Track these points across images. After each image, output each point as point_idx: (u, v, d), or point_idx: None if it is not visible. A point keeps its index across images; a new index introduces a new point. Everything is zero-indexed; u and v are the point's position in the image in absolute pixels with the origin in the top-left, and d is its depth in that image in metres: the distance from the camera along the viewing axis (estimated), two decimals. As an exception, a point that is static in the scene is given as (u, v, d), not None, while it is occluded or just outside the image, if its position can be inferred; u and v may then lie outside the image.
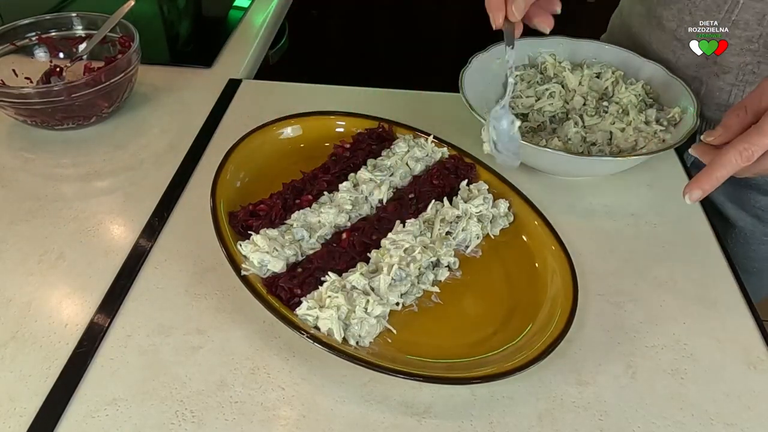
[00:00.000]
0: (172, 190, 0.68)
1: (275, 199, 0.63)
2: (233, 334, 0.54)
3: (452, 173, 0.68)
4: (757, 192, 0.79)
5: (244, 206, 0.62)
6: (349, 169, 0.67)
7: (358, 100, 0.81)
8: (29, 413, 0.48)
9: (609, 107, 0.74)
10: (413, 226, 0.61)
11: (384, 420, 0.48)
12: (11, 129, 0.77)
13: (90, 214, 0.66)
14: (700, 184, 0.53)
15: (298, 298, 0.54)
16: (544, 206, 0.64)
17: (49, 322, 0.55)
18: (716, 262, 0.63)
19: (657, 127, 0.70)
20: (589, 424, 0.49)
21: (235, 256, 0.56)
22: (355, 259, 0.58)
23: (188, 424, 0.47)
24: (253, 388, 0.50)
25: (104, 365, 0.51)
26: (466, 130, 0.72)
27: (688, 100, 0.70)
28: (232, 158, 0.66)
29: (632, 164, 0.65)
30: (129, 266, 0.60)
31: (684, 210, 0.68)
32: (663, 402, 0.50)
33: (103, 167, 0.72)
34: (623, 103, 0.73)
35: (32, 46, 0.82)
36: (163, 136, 0.77)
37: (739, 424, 0.49)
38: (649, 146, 0.69)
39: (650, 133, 0.70)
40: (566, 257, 0.58)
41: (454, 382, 0.49)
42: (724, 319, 0.57)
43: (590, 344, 0.54)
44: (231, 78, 0.87)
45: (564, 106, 0.76)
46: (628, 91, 0.74)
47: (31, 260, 0.60)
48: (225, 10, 1.08)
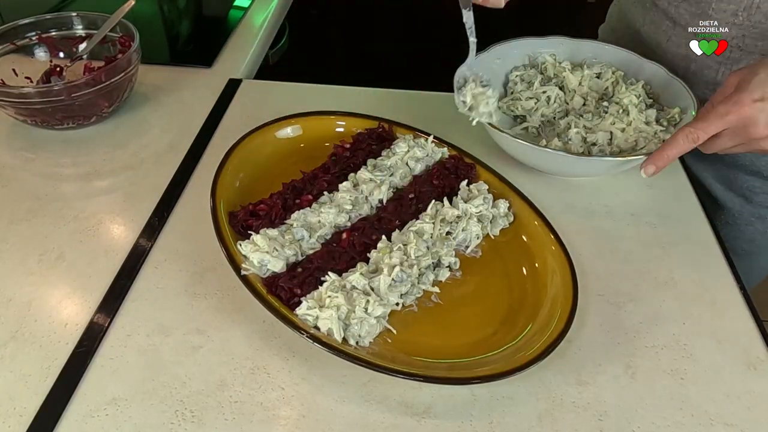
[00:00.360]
0: (172, 190, 0.68)
1: (275, 199, 0.63)
2: (233, 334, 0.54)
3: (452, 173, 0.68)
4: (744, 172, 0.80)
5: (244, 206, 0.62)
6: (349, 169, 0.67)
7: (358, 100, 0.81)
8: (29, 413, 0.48)
9: (609, 107, 0.74)
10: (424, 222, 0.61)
11: (384, 420, 0.48)
12: (11, 129, 0.77)
13: (90, 213, 0.66)
14: (654, 160, 0.60)
15: (298, 298, 0.54)
16: (544, 206, 0.64)
17: (49, 322, 0.55)
18: (716, 262, 0.63)
19: (657, 128, 0.70)
20: (589, 424, 0.49)
21: (235, 256, 0.56)
22: (355, 259, 0.58)
23: (188, 424, 0.47)
24: (253, 388, 0.50)
25: (104, 365, 0.51)
26: (466, 130, 0.72)
27: (688, 100, 0.70)
28: (232, 158, 0.66)
29: (632, 164, 0.65)
30: (129, 266, 0.60)
31: (684, 210, 0.68)
32: (663, 402, 0.50)
33: (103, 167, 0.72)
34: (623, 104, 0.73)
35: (32, 46, 0.82)
36: (163, 136, 0.77)
37: (739, 425, 0.49)
38: (649, 146, 0.69)
39: (650, 133, 0.70)
40: (566, 257, 0.58)
41: (454, 382, 0.49)
42: (724, 319, 0.57)
43: (590, 344, 0.54)
44: (231, 78, 0.87)
45: (563, 106, 0.76)
46: (629, 91, 0.74)
47: (31, 260, 0.60)
48: (225, 10, 1.08)
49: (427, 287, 0.58)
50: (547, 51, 0.81)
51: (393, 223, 0.62)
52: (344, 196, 0.63)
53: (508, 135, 0.66)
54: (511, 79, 0.79)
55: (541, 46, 0.81)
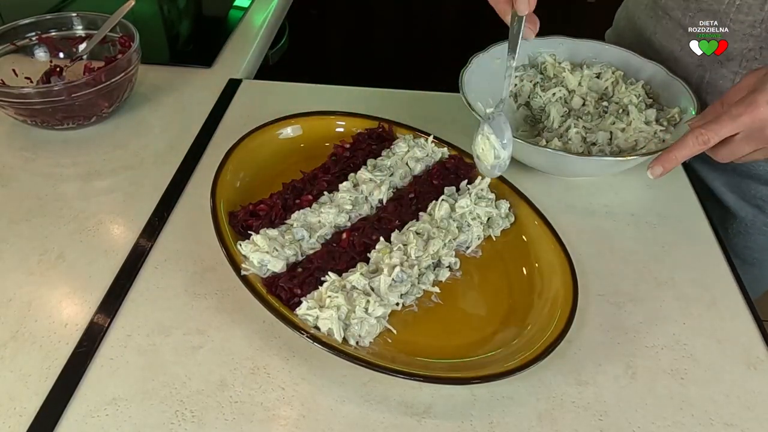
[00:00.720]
0: (172, 190, 0.68)
1: (275, 199, 0.63)
2: (233, 334, 0.54)
3: (452, 173, 0.68)
4: (758, 182, 0.79)
5: (244, 206, 0.62)
6: (349, 169, 0.67)
7: (358, 100, 0.81)
8: (29, 413, 0.48)
9: (609, 107, 0.74)
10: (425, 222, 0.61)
11: (384, 420, 0.48)
12: (11, 129, 0.77)
13: (90, 213, 0.66)
14: (661, 162, 0.58)
15: (298, 298, 0.54)
16: (544, 206, 0.64)
17: (49, 322, 0.55)
18: (716, 262, 0.63)
19: (657, 127, 0.70)
20: (589, 424, 0.49)
21: (235, 256, 0.56)
22: (355, 259, 0.58)
23: (188, 424, 0.47)
24: (253, 388, 0.50)
25: (104, 365, 0.51)
26: (466, 130, 0.72)
27: (688, 100, 0.70)
28: (232, 158, 0.66)
29: (632, 164, 0.65)
30: (129, 266, 0.60)
31: (684, 210, 0.68)
32: (663, 402, 0.50)
33: (103, 167, 0.72)
34: (623, 103, 0.73)
35: (32, 46, 0.82)
36: (163, 136, 0.77)
37: (739, 424, 0.49)
38: (649, 146, 0.69)
39: (650, 133, 0.70)
40: (566, 257, 0.58)
41: (454, 382, 0.49)
42: (724, 319, 0.57)
43: (590, 344, 0.54)
44: (231, 78, 0.87)
45: (565, 107, 0.76)
46: (628, 90, 0.74)
47: (31, 260, 0.60)
48: (225, 10, 1.08)
49: (427, 287, 0.58)
50: (547, 51, 0.81)
51: (393, 223, 0.62)
52: (344, 196, 0.63)
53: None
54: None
55: (541, 46, 0.81)
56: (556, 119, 0.73)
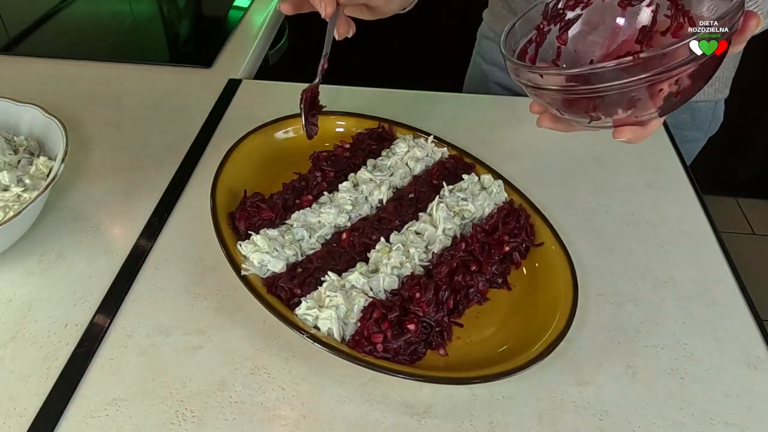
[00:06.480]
0: (172, 190, 0.68)
1: (275, 199, 0.63)
2: (233, 334, 0.54)
3: (452, 173, 0.68)
4: None
5: (251, 196, 0.62)
6: (349, 169, 0.67)
7: (358, 100, 0.81)
8: (29, 413, 0.48)
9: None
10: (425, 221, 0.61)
11: (384, 420, 0.48)
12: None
13: (90, 214, 0.66)
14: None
15: (298, 298, 0.54)
16: (544, 206, 0.64)
17: (49, 322, 0.55)
18: (716, 262, 0.63)
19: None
20: (589, 424, 0.49)
21: (235, 256, 0.56)
22: (354, 259, 0.58)
23: (188, 424, 0.47)
24: (253, 388, 0.50)
25: (104, 365, 0.51)
26: (466, 130, 0.72)
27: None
28: (232, 158, 0.66)
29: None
30: (129, 266, 0.60)
31: (684, 210, 0.68)
32: (663, 402, 0.50)
33: (103, 167, 0.72)
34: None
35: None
36: (163, 136, 0.77)
37: (739, 424, 0.49)
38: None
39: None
40: (566, 257, 0.58)
41: (454, 382, 0.49)
42: (724, 319, 0.57)
43: (590, 344, 0.54)
44: (231, 78, 0.87)
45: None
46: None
47: (31, 260, 0.60)
48: (225, 10, 1.08)
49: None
50: None
51: (393, 223, 0.62)
52: (344, 196, 0.63)
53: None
54: None
55: None
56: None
